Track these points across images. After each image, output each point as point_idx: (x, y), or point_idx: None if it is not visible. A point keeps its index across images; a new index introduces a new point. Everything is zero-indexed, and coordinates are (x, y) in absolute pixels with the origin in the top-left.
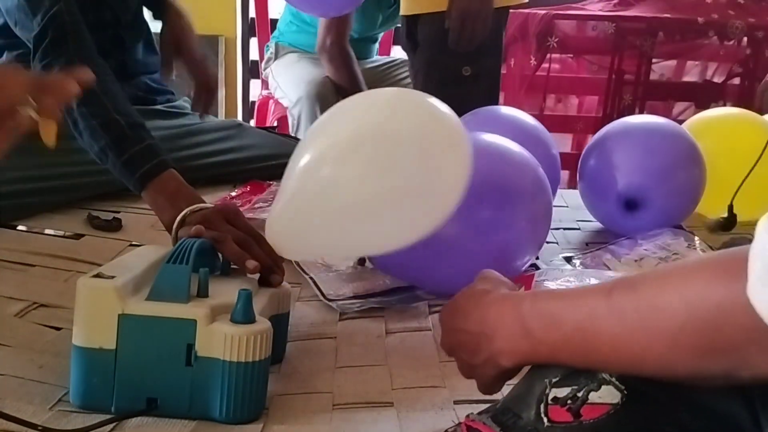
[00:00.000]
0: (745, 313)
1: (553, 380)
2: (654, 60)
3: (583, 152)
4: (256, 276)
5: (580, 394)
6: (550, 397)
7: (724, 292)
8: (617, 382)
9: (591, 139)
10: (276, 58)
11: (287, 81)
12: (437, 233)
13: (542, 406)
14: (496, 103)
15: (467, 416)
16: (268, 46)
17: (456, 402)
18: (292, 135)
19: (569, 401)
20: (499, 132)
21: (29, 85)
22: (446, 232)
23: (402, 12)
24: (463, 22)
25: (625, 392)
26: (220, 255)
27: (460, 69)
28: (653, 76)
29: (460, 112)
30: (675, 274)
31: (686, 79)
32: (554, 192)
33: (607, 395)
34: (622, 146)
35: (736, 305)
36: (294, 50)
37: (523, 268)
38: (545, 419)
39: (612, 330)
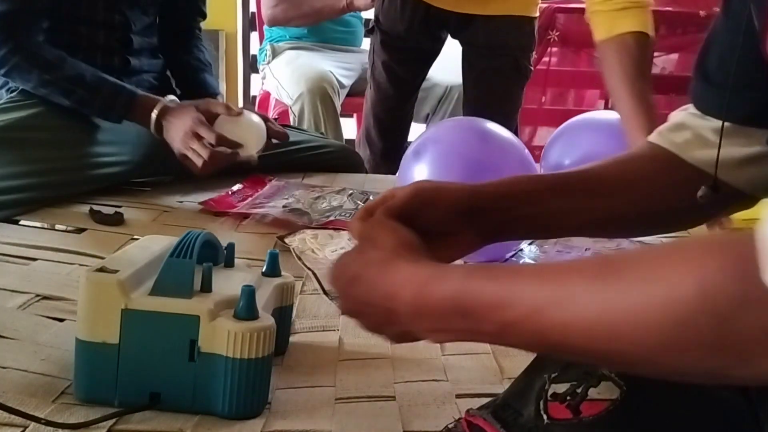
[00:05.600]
0: (764, 307)
1: (552, 375)
2: (656, 54)
3: (546, 144)
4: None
5: (579, 390)
6: (550, 393)
7: (741, 284)
8: (616, 378)
9: (554, 132)
10: (273, 59)
11: (287, 78)
12: None
13: (541, 402)
14: None
15: (467, 411)
16: (262, 50)
17: (458, 396)
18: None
19: (568, 397)
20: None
21: None
22: None
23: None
24: None
25: (624, 387)
26: (222, 247)
27: None
28: (655, 70)
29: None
30: (670, 260)
31: (688, 73)
32: None
33: (606, 391)
34: (582, 139)
35: (754, 298)
36: (290, 46)
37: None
38: (545, 416)
39: (586, 318)
